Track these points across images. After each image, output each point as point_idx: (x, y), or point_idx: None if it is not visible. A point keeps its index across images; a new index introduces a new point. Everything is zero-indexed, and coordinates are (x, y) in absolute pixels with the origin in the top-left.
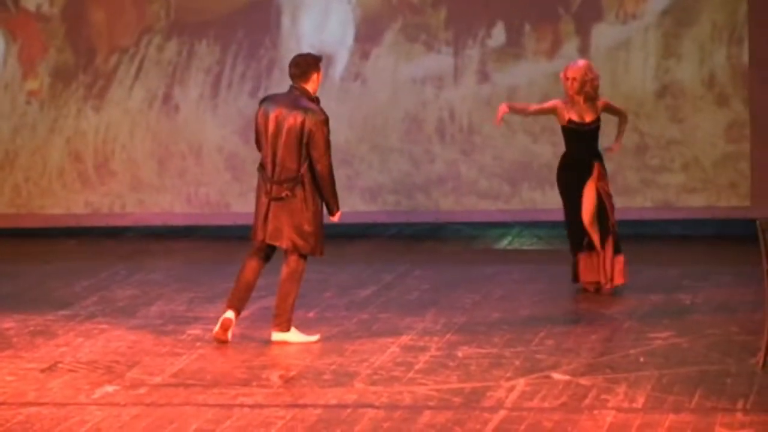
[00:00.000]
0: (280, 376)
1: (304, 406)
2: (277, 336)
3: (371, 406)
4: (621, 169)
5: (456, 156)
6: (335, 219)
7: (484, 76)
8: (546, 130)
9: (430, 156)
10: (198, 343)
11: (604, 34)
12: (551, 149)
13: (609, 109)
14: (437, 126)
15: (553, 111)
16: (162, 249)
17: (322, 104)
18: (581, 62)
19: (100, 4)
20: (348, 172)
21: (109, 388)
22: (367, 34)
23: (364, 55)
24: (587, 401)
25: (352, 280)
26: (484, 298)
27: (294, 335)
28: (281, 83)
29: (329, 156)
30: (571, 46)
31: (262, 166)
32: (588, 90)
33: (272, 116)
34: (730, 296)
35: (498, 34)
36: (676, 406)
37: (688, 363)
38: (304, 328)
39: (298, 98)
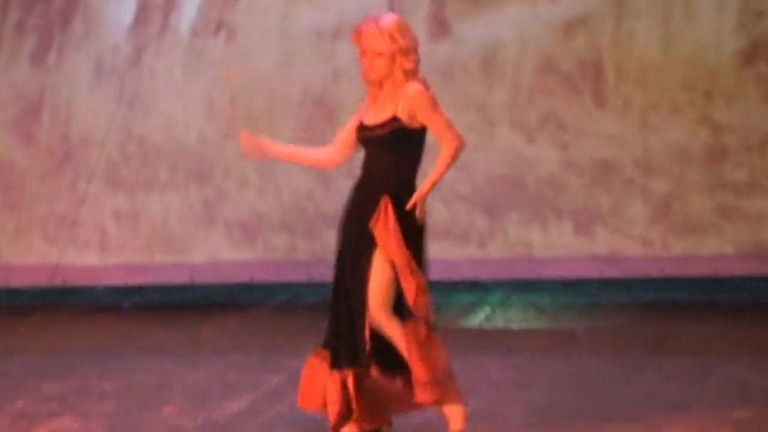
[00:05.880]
0: None
1: None
2: None
3: None
4: (679, 190)
5: None
6: None
7: (440, 29)
8: (549, 121)
9: (348, 165)
10: None
11: None
12: (557, 154)
13: (426, 119)
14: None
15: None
16: None
17: (163, 73)
18: (388, 17)
19: None
20: (205, 194)
21: None
22: None
23: None
24: None
25: (211, 384)
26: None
27: None
28: (85, 40)
29: None
30: None
31: None
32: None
33: None
34: None
35: None
36: None
37: None
38: None
39: None
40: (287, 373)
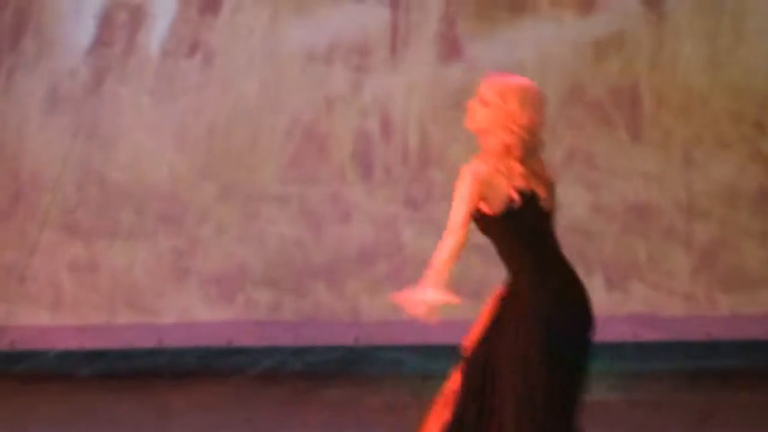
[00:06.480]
0: None
1: None
2: None
3: None
4: (727, 237)
5: (396, 208)
6: None
7: (451, 50)
8: (576, 158)
9: (343, 208)
10: None
11: None
12: (586, 196)
13: None
14: (357, 146)
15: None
16: None
17: (129, 100)
18: (519, 78)
19: None
20: (176, 243)
21: None
22: None
23: (209, 7)
24: None
25: None
26: None
27: None
28: (37, 63)
29: None
30: None
31: None
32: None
33: None
34: None
35: None
36: None
37: None
38: None
39: None
40: None
